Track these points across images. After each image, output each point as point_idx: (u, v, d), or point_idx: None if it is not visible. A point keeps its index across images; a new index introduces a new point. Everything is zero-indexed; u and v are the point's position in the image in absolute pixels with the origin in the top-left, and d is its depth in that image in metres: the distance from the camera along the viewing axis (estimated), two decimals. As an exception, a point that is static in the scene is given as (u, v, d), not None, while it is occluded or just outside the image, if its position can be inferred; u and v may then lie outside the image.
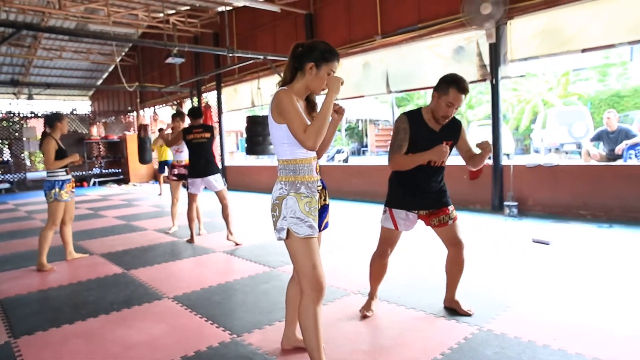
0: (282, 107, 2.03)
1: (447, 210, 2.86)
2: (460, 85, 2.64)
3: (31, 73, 17.73)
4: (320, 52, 2.09)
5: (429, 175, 2.80)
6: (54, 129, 4.62)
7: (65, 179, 4.63)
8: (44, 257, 4.61)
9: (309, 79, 2.11)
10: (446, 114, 2.69)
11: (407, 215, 2.84)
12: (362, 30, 8.63)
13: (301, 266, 2.08)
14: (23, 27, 7.02)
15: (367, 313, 2.98)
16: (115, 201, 10.84)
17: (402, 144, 2.72)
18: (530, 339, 2.53)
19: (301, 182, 2.10)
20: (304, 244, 2.06)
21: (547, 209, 6.34)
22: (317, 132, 1.98)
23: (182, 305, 3.38)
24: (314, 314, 2.07)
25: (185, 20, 12.17)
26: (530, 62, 6.76)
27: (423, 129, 2.74)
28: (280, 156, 2.15)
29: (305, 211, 2.06)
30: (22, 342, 2.84)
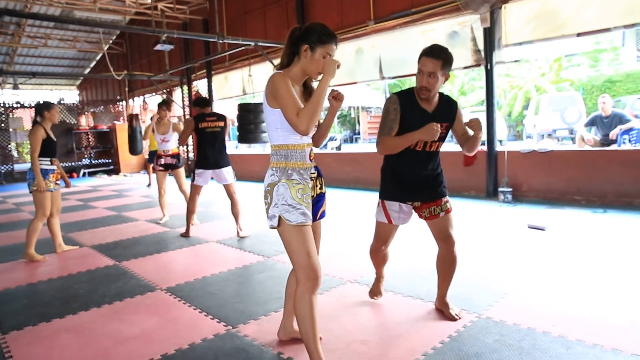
0: (276, 91, 1.97)
1: (439, 202, 2.64)
2: (427, 49, 2.44)
3: (16, 62, 17.37)
4: (316, 34, 2.02)
5: (422, 161, 2.59)
6: (43, 118, 4.49)
7: (49, 169, 4.52)
8: (32, 248, 4.53)
9: (305, 62, 2.04)
10: (420, 83, 2.46)
11: (401, 207, 2.65)
12: (354, 15, 8.49)
13: (295, 255, 2.03)
14: (5, 13, 6.79)
15: (375, 297, 3.00)
16: (106, 192, 10.70)
17: (392, 126, 2.52)
18: (529, 325, 2.50)
19: (293, 169, 2.04)
20: (297, 232, 2.00)
21: (541, 194, 6.33)
22: (310, 116, 1.92)
23: (175, 297, 3.31)
24: (310, 303, 2.02)
25: (174, 7, 11.93)
26: (524, 47, 6.70)
27: (415, 109, 2.52)
28: (273, 141, 2.09)
29: (297, 198, 2.00)
30: (11, 337, 2.76)
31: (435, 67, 2.40)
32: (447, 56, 2.43)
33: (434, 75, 2.41)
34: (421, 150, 2.56)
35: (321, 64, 2.02)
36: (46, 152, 4.47)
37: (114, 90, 18.31)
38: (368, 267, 3.68)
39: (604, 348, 2.21)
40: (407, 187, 2.64)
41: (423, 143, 2.54)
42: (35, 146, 4.36)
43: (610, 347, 2.22)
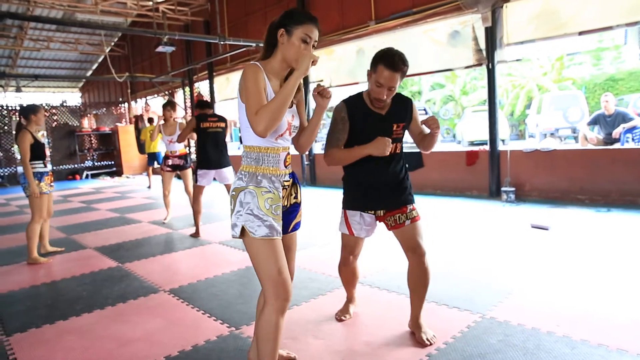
0: (244, 83, 1.74)
1: (404, 209, 2.41)
2: (388, 60, 2.21)
3: (18, 65, 17.43)
4: (291, 16, 1.81)
5: (381, 166, 2.39)
6: (29, 121, 4.43)
7: (43, 172, 4.50)
8: (34, 251, 4.55)
9: (283, 49, 1.81)
10: (377, 96, 2.27)
11: (362, 216, 2.47)
12: (355, 16, 8.49)
13: (263, 271, 1.78)
14: (7, 16, 6.82)
15: (343, 317, 2.75)
16: (109, 194, 10.71)
17: (339, 137, 2.37)
18: (534, 325, 2.49)
19: (263, 174, 1.82)
20: (264, 246, 1.76)
21: (544, 194, 6.31)
22: (271, 115, 1.67)
23: (178, 299, 3.31)
24: (277, 325, 1.77)
25: (175, 8, 11.95)
26: (526, 46, 6.68)
27: (366, 114, 2.36)
28: (245, 141, 1.86)
29: (264, 208, 1.77)
30: (15, 339, 2.77)
31: (395, 80, 2.24)
32: (406, 66, 2.26)
33: (393, 88, 2.27)
34: None
35: (300, 50, 1.78)
36: (36, 156, 4.45)
37: (116, 92, 18.35)
38: (370, 268, 3.68)
39: (609, 348, 2.20)
40: (368, 195, 2.44)
41: None
42: (25, 152, 4.33)
43: (616, 347, 2.21)
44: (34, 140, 4.42)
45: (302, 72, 1.73)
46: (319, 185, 9.39)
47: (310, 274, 3.69)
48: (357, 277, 2.81)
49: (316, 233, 5.08)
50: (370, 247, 4.40)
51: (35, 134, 4.51)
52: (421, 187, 7.23)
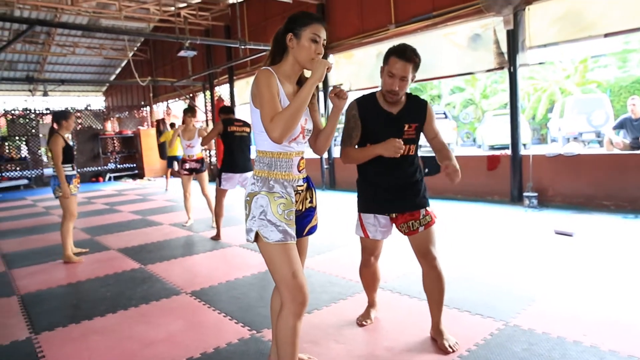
0: (257, 89, 1.76)
1: (417, 215, 2.40)
2: (400, 51, 2.26)
3: (46, 70, 17.91)
4: (296, 19, 1.84)
5: (394, 167, 2.39)
6: (60, 126, 4.62)
7: (72, 174, 4.65)
8: (69, 250, 4.70)
9: (294, 53, 1.84)
10: (390, 87, 2.29)
11: (377, 218, 2.48)
12: (375, 19, 8.48)
13: (279, 275, 1.80)
14: (36, 23, 7.03)
15: (364, 322, 2.75)
16: (131, 196, 10.91)
17: (352, 134, 2.41)
18: (559, 334, 2.44)
19: (275, 180, 1.84)
20: (279, 250, 1.78)
21: (568, 199, 6.18)
22: (286, 122, 1.69)
23: (200, 301, 3.35)
24: (294, 328, 1.80)
25: (197, 13, 12.13)
26: (549, 49, 6.57)
27: (378, 113, 2.38)
28: (258, 146, 1.88)
29: (277, 214, 1.79)
30: (43, 338, 2.84)
31: (407, 70, 2.26)
32: (418, 59, 2.30)
33: (405, 78, 2.27)
34: None
35: (311, 49, 1.81)
36: (67, 159, 4.59)
37: (139, 96, 18.69)
38: (390, 273, 3.67)
39: None
40: (381, 197, 2.44)
41: None
42: (58, 154, 4.49)
43: (645, 358, 2.15)
44: (65, 144, 4.58)
45: (317, 79, 1.76)
46: (339, 189, 9.38)
47: (331, 277, 3.69)
48: (378, 280, 2.80)
49: (336, 236, 5.08)
50: (391, 251, 4.38)
51: (67, 138, 4.66)
52: (441, 192, 7.16)
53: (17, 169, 14.56)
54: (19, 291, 3.83)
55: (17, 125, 14.55)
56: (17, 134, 14.65)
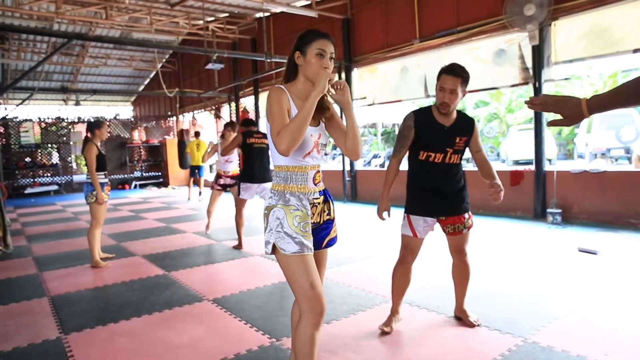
0: (268, 105, 1.85)
1: (463, 219, 2.77)
2: (448, 69, 2.62)
3: (79, 80, 18.56)
4: (301, 38, 1.91)
5: (443, 174, 2.73)
6: (93, 135, 4.83)
7: (104, 182, 4.83)
8: (97, 255, 4.86)
9: (303, 69, 1.90)
10: (441, 100, 2.63)
11: (426, 220, 2.77)
12: (399, 34, 8.56)
13: (297, 286, 1.84)
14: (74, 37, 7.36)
15: (386, 329, 2.82)
16: (155, 204, 11.16)
17: (403, 143, 2.75)
18: (579, 353, 2.42)
19: (291, 193, 1.88)
20: (296, 262, 1.82)
21: (593, 217, 6.07)
22: (292, 135, 1.73)
23: (221, 308, 3.43)
24: (312, 338, 1.82)
25: (224, 27, 12.44)
26: (575, 64, 6.52)
27: (433, 125, 2.70)
28: (275, 161, 1.95)
29: (293, 226, 1.83)
30: (72, 338, 2.96)
31: (456, 84, 2.58)
32: (466, 74, 2.62)
33: (454, 92, 2.59)
34: (440, 162, 2.71)
35: (318, 65, 1.86)
36: (100, 167, 4.77)
37: (165, 106, 19.16)
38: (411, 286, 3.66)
39: (661, 380, 2.11)
40: (431, 202, 2.75)
41: (442, 155, 2.69)
42: (92, 162, 4.68)
43: (668, 379, 2.12)
44: (98, 152, 4.77)
45: (320, 91, 1.79)
46: (360, 201, 9.41)
47: (350, 289, 3.73)
48: (407, 284, 2.93)
49: (357, 249, 5.11)
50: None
51: (99, 147, 4.86)
52: (463, 206, 7.10)
53: (48, 175, 15.08)
54: (50, 293, 3.99)
55: (50, 133, 15.12)
56: (49, 142, 15.21)
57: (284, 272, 1.88)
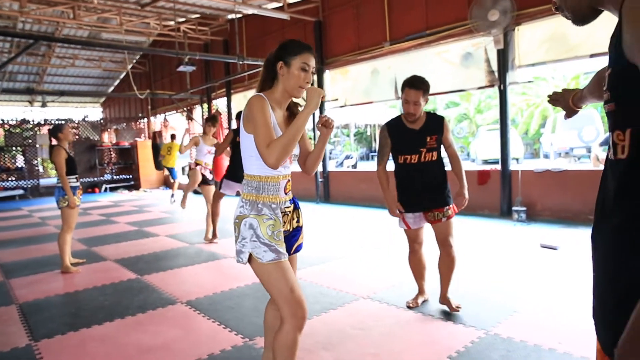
0: (251, 114, 1.83)
1: (442, 209, 3.05)
2: (409, 81, 2.94)
3: (45, 81, 18.07)
4: (287, 48, 1.92)
5: (420, 172, 3.03)
6: (58, 139, 4.78)
7: (75, 186, 4.78)
8: (67, 260, 4.79)
9: (284, 80, 1.91)
10: (407, 110, 2.96)
11: (414, 214, 3.11)
12: (370, 37, 8.72)
13: (277, 292, 1.85)
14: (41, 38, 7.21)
15: (411, 304, 3.26)
16: (127, 207, 11.00)
17: (383, 151, 3.11)
18: (536, 342, 2.57)
19: (263, 203, 1.88)
20: (274, 268, 1.84)
21: (556, 214, 6.35)
22: (282, 149, 1.76)
23: (195, 310, 3.46)
24: (294, 342, 1.83)
25: (196, 28, 12.37)
26: (538, 67, 6.79)
27: (404, 131, 3.05)
28: (246, 170, 1.94)
29: (267, 235, 1.84)
30: (42, 345, 2.94)
31: (418, 96, 2.91)
32: (425, 85, 2.95)
33: (417, 102, 2.93)
34: (417, 162, 3.03)
35: (300, 78, 1.88)
36: (70, 171, 4.72)
37: (136, 108, 18.87)
38: (381, 284, 3.80)
39: (609, 366, 2.27)
40: (414, 198, 3.07)
41: (417, 156, 3.01)
42: (61, 166, 4.62)
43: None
44: (67, 156, 4.71)
45: (312, 108, 1.84)
46: (333, 202, 9.52)
47: (322, 289, 3.81)
48: (424, 268, 3.29)
49: (329, 249, 5.20)
50: (382, 264, 4.51)
51: (67, 149, 4.80)
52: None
53: (13, 179, 14.62)
54: (18, 300, 3.93)
55: (14, 135, 14.67)
56: (14, 144, 14.75)
57: (261, 281, 1.89)
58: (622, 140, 0.76)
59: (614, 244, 0.73)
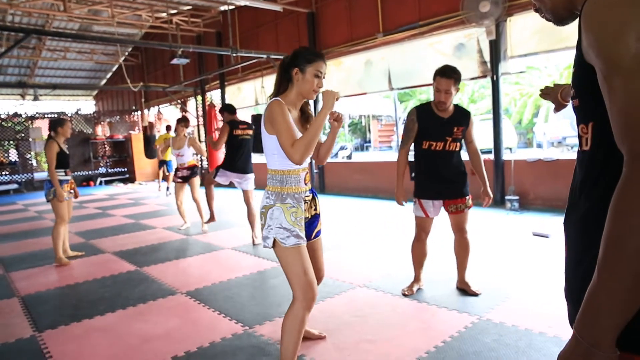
0: (273, 118, 2.05)
1: (464, 200, 3.17)
2: (442, 71, 3.00)
3: (36, 74, 17.91)
4: (302, 56, 2.12)
5: (446, 160, 3.11)
6: (56, 133, 4.82)
7: (64, 180, 4.81)
8: (60, 253, 4.84)
9: (298, 85, 2.13)
10: (438, 99, 3.02)
11: (434, 203, 3.17)
12: (363, 28, 8.73)
13: (292, 274, 2.08)
14: (32, 32, 7.17)
15: (407, 292, 3.32)
16: (123, 200, 11.02)
17: (409, 135, 3.15)
18: (527, 327, 2.67)
19: (287, 193, 2.11)
20: (292, 252, 2.07)
21: (547, 202, 6.46)
22: (306, 147, 1.99)
23: (195, 300, 3.53)
24: (303, 320, 2.08)
25: (189, 20, 12.30)
26: (530, 58, 6.86)
27: (432, 117, 3.10)
28: (270, 166, 2.17)
29: (291, 221, 2.07)
30: (46, 335, 3.00)
31: (449, 85, 2.97)
32: (458, 75, 3.00)
33: (448, 91, 2.98)
34: (441, 149, 3.10)
35: (314, 83, 2.11)
36: (60, 165, 4.77)
37: (130, 101, 18.77)
38: (376, 273, 3.88)
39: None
40: (438, 186, 3.14)
41: (442, 143, 3.08)
42: (51, 160, 4.67)
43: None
44: (60, 150, 4.74)
45: (329, 108, 2.09)
46: (328, 192, 9.59)
47: (319, 278, 3.89)
48: (425, 256, 3.38)
49: (325, 239, 5.25)
50: (377, 254, 4.60)
51: (62, 144, 4.81)
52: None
53: (6, 173, 14.56)
54: (19, 292, 3.98)
55: (7, 129, 14.57)
56: (6, 138, 14.66)
57: (281, 263, 2.12)
58: (586, 134, 0.83)
59: (579, 230, 0.81)
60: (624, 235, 0.67)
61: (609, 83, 0.71)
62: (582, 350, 0.72)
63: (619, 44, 0.69)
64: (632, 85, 0.68)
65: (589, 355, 0.71)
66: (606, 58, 0.71)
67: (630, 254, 0.66)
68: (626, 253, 0.67)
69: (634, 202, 0.66)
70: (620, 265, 0.67)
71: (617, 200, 0.69)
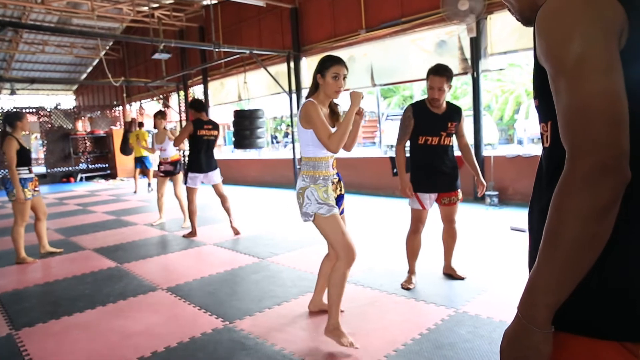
0: (309, 116, 2.49)
1: (457, 193, 3.36)
2: (434, 69, 3.16)
3: (13, 67, 17.52)
4: (321, 64, 2.55)
5: (440, 154, 3.27)
6: (14, 128, 4.54)
7: (27, 177, 4.62)
8: (22, 252, 4.76)
9: (323, 87, 2.57)
10: (432, 96, 3.18)
11: (430, 195, 3.32)
12: (346, 24, 8.76)
13: (333, 238, 2.53)
14: (7, 24, 7.01)
15: (409, 286, 3.38)
16: (104, 196, 10.88)
17: (406, 131, 3.28)
18: (501, 319, 2.74)
19: (319, 176, 2.56)
20: (330, 221, 2.51)
21: (526, 198, 6.56)
22: (340, 139, 2.46)
23: (175, 296, 3.53)
24: (344, 274, 2.53)
25: (171, 14, 12.16)
26: (510, 55, 6.97)
27: (427, 114, 3.25)
28: (304, 154, 2.62)
29: (323, 197, 2.52)
30: (24, 333, 2.97)
31: (442, 83, 3.12)
32: (450, 73, 3.16)
33: (441, 89, 3.13)
34: (437, 144, 3.25)
35: (335, 85, 2.53)
36: (22, 162, 4.56)
37: (111, 96, 18.49)
38: (355, 267, 3.89)
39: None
40: (433, 179, 3.29)
41: (437, 138, 3.23)
42: (11, 158, 4.43)
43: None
44: (20, 147, 4.53)
45: (356, 106, 2.51)
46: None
47: (300, 273, 3.92)
48: (419, 248, 3.49)
49: (307, 234, 5.30)
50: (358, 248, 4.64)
51: (21, 140, 4.61)
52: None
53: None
54: (-4, 290, 3.92)
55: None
56: (-17, 134, 14.29)
57: (322, 232, 2.56)
58: (546, 131, 0.87)
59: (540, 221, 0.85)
60: (559, 226, 0.74)
61: (555, 85, 0.76)
62: (521, 327, 0.80)
63: (564, 48, 0.74)
64: (574, 88, 0.73)
65: (526, 331, 0.79)
66: (553, 61, 0.76)
67: (563, 243, 0.73)
68: (561, 242, 0.74)
69: (569, 198, 0.72)
70: (556, 252, 0.74)
71: (555, 195, 0.75)
